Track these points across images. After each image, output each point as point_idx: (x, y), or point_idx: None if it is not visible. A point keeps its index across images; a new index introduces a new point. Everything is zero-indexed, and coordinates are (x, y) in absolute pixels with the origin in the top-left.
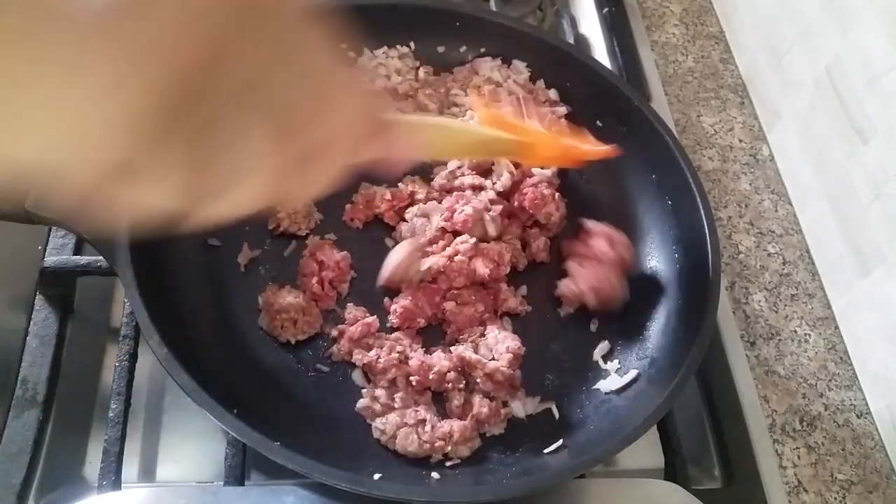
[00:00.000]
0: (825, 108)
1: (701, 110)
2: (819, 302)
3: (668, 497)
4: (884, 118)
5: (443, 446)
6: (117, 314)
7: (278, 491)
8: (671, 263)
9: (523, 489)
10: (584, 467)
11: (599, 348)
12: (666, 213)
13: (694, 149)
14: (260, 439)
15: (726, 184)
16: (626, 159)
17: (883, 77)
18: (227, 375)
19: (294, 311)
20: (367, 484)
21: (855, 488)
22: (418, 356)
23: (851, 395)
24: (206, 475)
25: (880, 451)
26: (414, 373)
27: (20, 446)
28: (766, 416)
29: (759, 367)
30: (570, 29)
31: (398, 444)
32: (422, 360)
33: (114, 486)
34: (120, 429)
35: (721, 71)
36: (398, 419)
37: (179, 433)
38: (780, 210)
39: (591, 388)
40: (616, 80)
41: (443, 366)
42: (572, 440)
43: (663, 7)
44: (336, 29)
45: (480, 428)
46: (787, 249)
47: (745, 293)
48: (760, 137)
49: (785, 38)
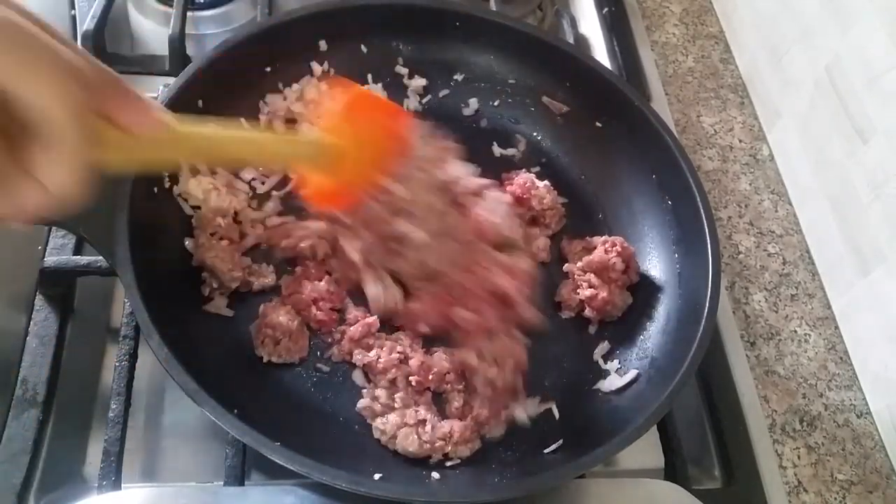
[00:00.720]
0: (825, 107)
1: (701, 110)
2: (819, 302)
3: (668, 497)
4: (884, 118)
5: (443, 446)
6: (117, 314)
7: (278, 491)
8: (671, 263)
9: (523, 489)
10: (584, 467)
11: (599, 348)
12: (666, 213)
13: (694, 149)
14: (260, 439)
15: (726, 184)
16: (626, 159)
17: (883, 77)
18: (227, 375)
19: (281, 332)
20: (367, 484)
21: (855, 488)
22: (418, 356)
23: (851, 395)
24: (206, 475)
25: (880, 451)
26: (414, 373)
27: (20, 446)
28: (766, 416)
29: (759, 367)
30: (570, 29)
31: (398, 444)
32: (422, 361)
33: (114, 486)
34: (120, 429)
35: (721, 71)
36: (398, 419)
37: (179, 433)
38: (780, 210)
39: (591, 388)
40: (616, 80)
41: (442, 367)
42: (572, 440)
43: (663, 7)
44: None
45: (480, 429)
46: (787, 249)
47: (745, 293)
48: (760, 137)
49: (785, 38)
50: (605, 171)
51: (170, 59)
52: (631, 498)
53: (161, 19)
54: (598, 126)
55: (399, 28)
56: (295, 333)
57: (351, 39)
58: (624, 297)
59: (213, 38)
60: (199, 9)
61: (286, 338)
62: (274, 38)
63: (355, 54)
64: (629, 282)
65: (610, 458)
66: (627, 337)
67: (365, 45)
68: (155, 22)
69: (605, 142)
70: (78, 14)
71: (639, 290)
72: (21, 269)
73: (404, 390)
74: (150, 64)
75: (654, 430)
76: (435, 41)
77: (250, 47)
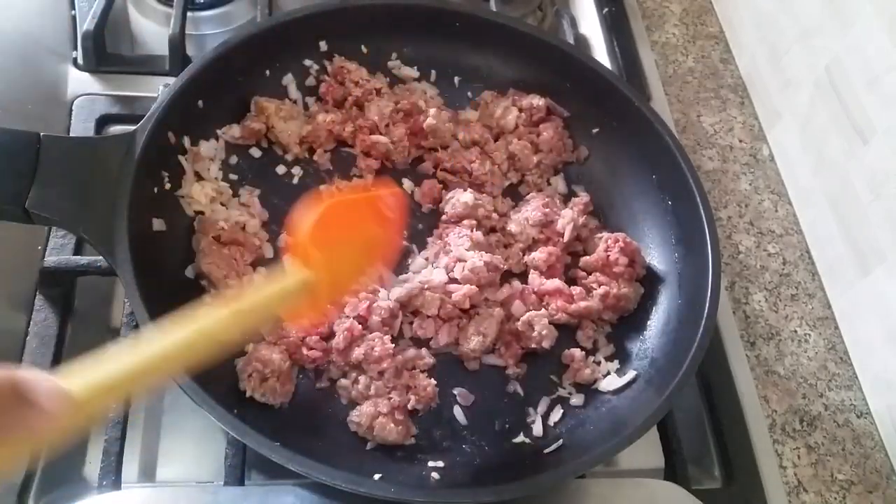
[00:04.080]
0: (825, 107)
1: (701, 110)
2: (819, 302)
3: (668, 497)
4: (884, 118)
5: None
6: (117, 314)
7: (278, 491)
8: (671, 263)
9: (523, 489)
10: (584, 467)
11: (600, 349)
12: (666, 213)
13: (694, 149)
14: (260, 439)
15: (726, 184)
16: (626, 159)
17: (883, 77)
18: (227, 375)
19: (269, 369)
20: (367, 484)
21: (855, 488)
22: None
23: (851, 395)
24: (206, 475)
25: (880, 451)
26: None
27: None
28: (766, 416)
29: (759, 367)
30: (570, 29)
31: (376, 434)
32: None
33: (114, 486)
34: (120, 429)
35: (721, 71)
36: (372, 409)
37: (179, 433)
38: (780, 210)
39: (591, 388)
40: (616, 80)
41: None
42: (572, 440)
43: (663, 7)
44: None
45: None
46: (787, 249)
47: (745, 293)
48: (760, 137)
49: (785, 38)
50: (605, 172)
51: (170, 59)
52: (631, 498)
53: (161, 19)
54: (598, 127)
55: (399, 28)
56: (283, 375)
57: (351, 39)
58: (636, 289)
59: (213, 38)
60: (199, 9)
61: (274, 377)
62: (274, 38)
63: (355, 54)
64: (637, 275)
65: (610, 458)
66: (627, 337)
67: (365, 45)
68: (155, 22)
69: (604, 142)
70: (78, 14)
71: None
72: (21, 269)
73: (375, 378)
74: (150, 64)
75: (654, 430)
76: (435, 41)
77: (250, 47)
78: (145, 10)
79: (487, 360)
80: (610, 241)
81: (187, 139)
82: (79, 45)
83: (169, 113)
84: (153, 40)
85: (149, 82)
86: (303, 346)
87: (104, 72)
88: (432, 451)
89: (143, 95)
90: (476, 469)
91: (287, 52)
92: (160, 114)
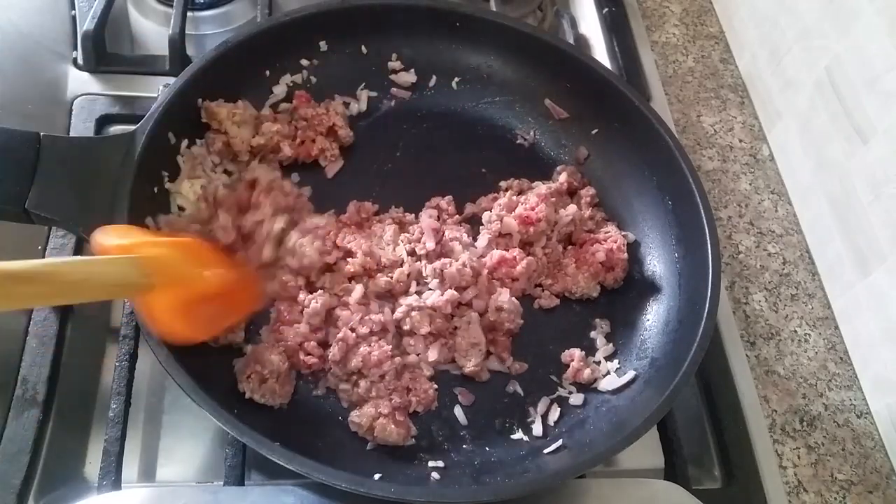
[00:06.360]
0: (825, 108)
1: (701, 110)
2: (819, 302)
3: (668, 497)
4: (884, 118)
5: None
6: (117, 314)
7: (278, 491)
8: (671, 263)
9: (523, 489)
10: (584, 467)
11: (600, 349)
12: (666, 213)
13: (694, 149)
14: (260, 439)
15: (726, 184)
16: (626, 159)
17: (883, 77)
18: (227, 375)
19: (268, 370)
20: (367, 484)
21: (855, 488)
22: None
23: (851, 395)
24: (206, 475)
25: (880, 451)
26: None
27: (20, 446)
28: (766, 416)
29: (759, 367)
30: (570, 29)
31: (377, 435)
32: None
33: (114, 486)
34: (120, 429)
35: (721, 71)
36: (372, 410)
37: (179, 433)
38: (780, 210)
39: (590, 387)
40: (616, 80)
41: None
42: (572, 440)
43: (663, 7)
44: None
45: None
46: (787, 249)
47: (745, 293)
48: (760, 137)
49: (785, 38)
50: (605, 172)
51: (170, 59)
52: (631, 498)
53: (161, 19)
54: (598, 127)
55: (399, 28)
56: (282, 376)
57: (351, 39)
58: (589, 287)
59: (213, 38)
60: (199, 9)
61: (273, 378)
62: (274, 38)
63: (355, 54)
64: (605, 280)
65: (610, 459)
66: (627, 337)
67: (365, 45)
68: (155, 22)
69: (604, 142)
70: (78, 14)
71: (639, 290)
72: None
73: (374, 381)
74: (150, 64)
75: (654, 430)
76: (435, 41)
77: (250, 47)
78: (145, 10)
79: (491, 366)
80: (609, 241)
81: (187, 139)
82: (79, 45)
83: (169, 113)
84: (153, 40)
85: (149, 82)
86: (300, 350)
87: (104, 72)
88: (432, 451)
89: (143, 95)
90: (476, 469)
91: (287, 52)
92: (160, 114)
